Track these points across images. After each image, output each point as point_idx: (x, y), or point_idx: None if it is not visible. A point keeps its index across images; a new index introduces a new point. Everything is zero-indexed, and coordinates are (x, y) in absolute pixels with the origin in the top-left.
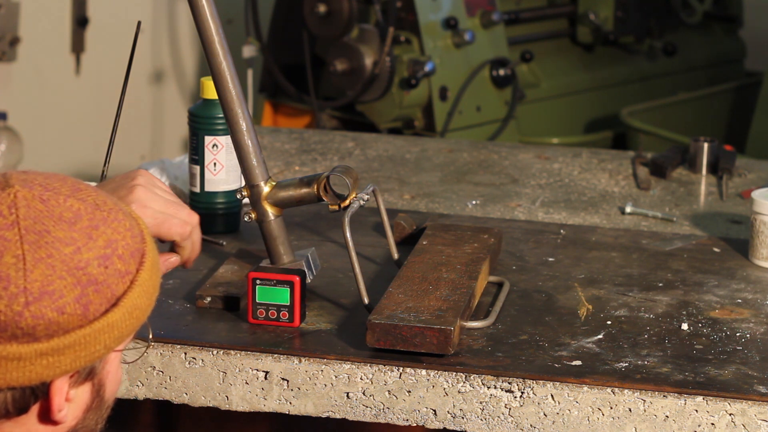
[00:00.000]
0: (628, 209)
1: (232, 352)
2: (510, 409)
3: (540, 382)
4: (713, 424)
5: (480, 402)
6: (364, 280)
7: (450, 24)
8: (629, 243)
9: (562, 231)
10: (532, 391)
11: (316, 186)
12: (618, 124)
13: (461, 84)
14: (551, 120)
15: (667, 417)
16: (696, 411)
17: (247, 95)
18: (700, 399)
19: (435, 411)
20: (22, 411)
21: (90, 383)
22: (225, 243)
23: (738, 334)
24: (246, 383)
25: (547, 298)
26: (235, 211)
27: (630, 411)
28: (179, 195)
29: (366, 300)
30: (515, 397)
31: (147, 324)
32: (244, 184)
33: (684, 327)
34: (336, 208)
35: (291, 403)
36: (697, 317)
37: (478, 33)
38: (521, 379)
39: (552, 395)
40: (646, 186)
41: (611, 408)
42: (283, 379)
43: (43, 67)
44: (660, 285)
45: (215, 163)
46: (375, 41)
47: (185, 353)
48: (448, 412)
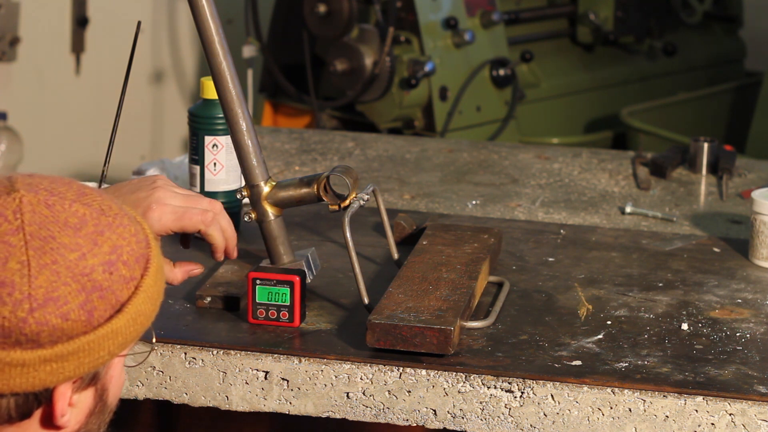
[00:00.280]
0: (628, 209)
1: (232, 352)
2: (510, 409)
3: (540, 382)
4: (713, 424)
5: (480, 402)
6: (364, 280)
7: (450, 24)
8: (629, 243)
9: (562, 231)
10: (532, 391)
11: (316, 186)
12: (618, 124)
13: (461, 84)
14: (551, 120)
15: (667, 417)
16: (696, 411)
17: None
18: (700, 399)
19: (435, 411)
20: (25, 416)
21: (93, 388)
22: None
23: (738, 334)
24: (246, 383)
25: (547, 298)
26: (235, 211)
27: (630, 411)
28: None
29: (366, 300)
30: (515, 397)
31: (150, 328)
32: (244, 184)
33: (684, 327)
34: (336, 208)
35: (291, 403)
36: (697, 317)
37: (478, 33)
38: (521, 379)
39: (552, 395)
40: (646, 186)
41: (611, 408)
42: (283, 379)
43: (43, 67)
44: (660, 285)
45: (215, 163)
46: (375, 41)
47: (185, 353)
48: (448, 412)
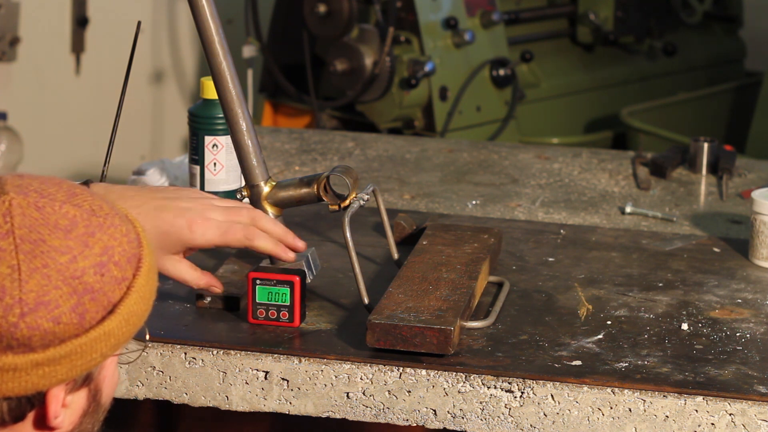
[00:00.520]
0: (628, 209)
1: (232, 352)
2: (510, 409)
3: (540, 382)
4: (713, 424)
5: (480, 402)
6: (364, 280)
7: (450, 24)
8: (629, 243)
9: (562, 231)
10: (532, 391)
11: (316, 186)
12: (618, 124)
13: (461, 84)
14: (551, 120)
15: (667, 417)
16: (696, 411)
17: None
18: (700, 399)
19: (435, 411)
20: (18, 419)
21: (86, 389)
22: None
23: (738, 334)
24: (246, 383)
25: (547, 298)
26: None
27: (630, 411)
28: None
29: (366, 300)
30: (515, 397)
31: (143, 326)
32: (244, 184)
33: (684, 327)
34: (336, 208)
35: (291, 403)
36: (697, 317)
37: (478, 33)
38: (521, 379)
39: (552, 395)
40: (646, 186)
41: (611, 408)
42: (283, 379)
43: (43, 67)
44: (660, 285)
45: (215, 163)
46: (375, 41)
47: (185, 353)
48: (448, 412)
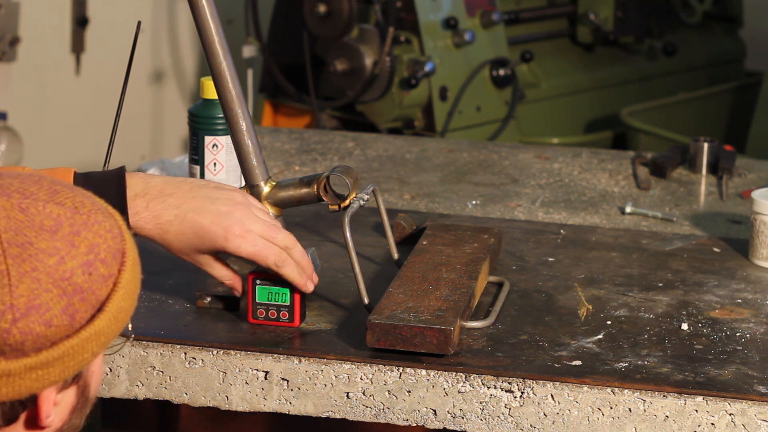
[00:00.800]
0: (628, 209)
1: (232, 352)
2: (510, 409)
3: (540, 382)
4: (713, 424)
5: (480, 402)
6: (364, 280)
7: (450, 24)
8: (629, 243)
9: (562, 231)
10: (532, 391)
11: (316, 186)
12: (618, 124)
13: (461, 84)
14: (551, 120)
15: (667, 417)
16: (696, 411)
17: (247, 95)
18: (700, 399)
19: (435, 411)
20: (10, 422)
21: (76, 385)
22: None
23: (738, 334)
24: (246, 383)
25: (547, 298)
26: None
27: (630, 411)
28: None
29: (366, 300)
30: (515, 397)
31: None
32: (244, 184)
33: (684, 327)
34: (336, 208)
35: (291, 403)
36: (697, 317)
37: (478, 33)
38: (521, 379)
39: (552, 395)
40: (646, 186)
41: (611, 408)
42: (283, 379)
43: (43, 67)
44: (660, 285)
45: (215, 163)
46: (375, 41)
47: (185, 353)
48: (448, 412)
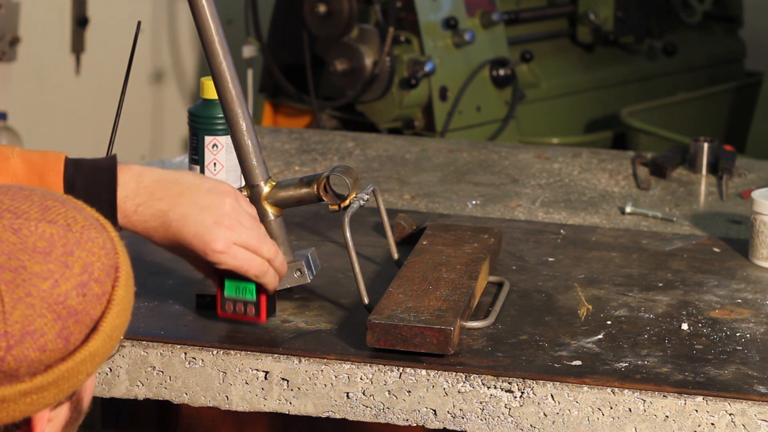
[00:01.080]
0: (628, 209)
1: (232, 352)
2: (510, 409)
3: (540, 382)
4: (713, 424)
5: (480, 402)
6: (364, 280)
7: (450, 24)
8: (629, 243)
9: (562, 231)
10: (532, 391)
11: (316, 186)
12: (618, 124)
13: (461, 84)
14: (551, 120)
15: (667, 417)
16: (696, 411)
17: (247, 95)
18: (700, 399)
19: (435, 411)
20: None
21: (69, 401)
22: None
23: (738, 334)
24: (246, 383)
25: (547, 298)
26: None
27: (630, 411)
28: None
29: (366, 300)
30: (515, 397)
31: None
32: (244, 184)
33: (684, 327)
34: (336, 208)
35: (291, 403)
36: (697, 317)
37: (478, 33)
38: (521, 379)
39: (552, 395)
40: (646, 186)
41: (611, 408)
42: (283, 379)
43: (43, 67)
44: (660, 285)
45: (215, 163)
46: (375, 41)
47: (185, 353)
48: (448, 412)
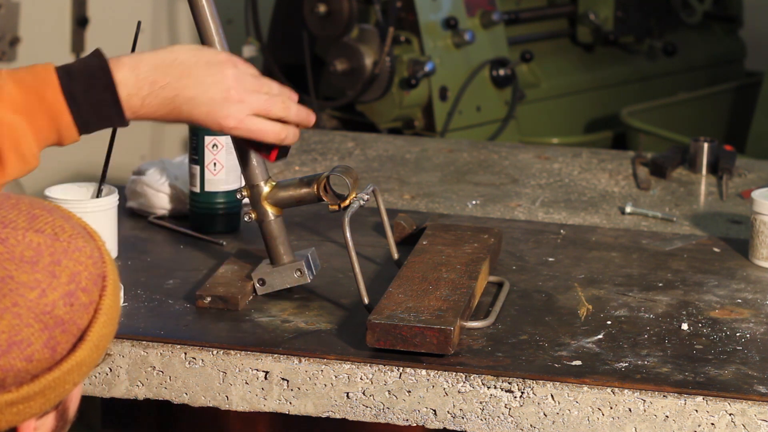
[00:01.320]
0: (628, 209)
1: (232, 352)
2: (510, 409)
3: (540, 382)
4: (713, 424)
5: (480, 402)
6: (364, 280)
7: (450, 24)
8: (629, 243)
9: (562, 231)
10: (532, 391)
11: (316, 186)
12: (618, 124)
13: (461, 84)
14: (551, 120)
15: (667, 417)
16: (696, 411)
17: None
18: (700, 399)
19: (435, 411)
20: None
21: (55, 410)
22: (225, 243)
23: (738, 334)
24: (246, 383)
25: (547, 298)
26: (235, 211)
27: (630, 411)
28: (179, 195)
29: (366, 300)
30: (515, 397)
31: None
32: (244, 184)
33: (684, 327)
34: (336, 208)
35: (291, 403)
36: (697, 317)
37: (478, 33)
38: (521, 379)
39: (552, 395)
40: (646, 186)
41: (611, 408)
42: (283, 379)
43: None
44: (660, 285)
45: (215, 163)
46: (375, 41)
47: (185, 353)
48: (448, 412)
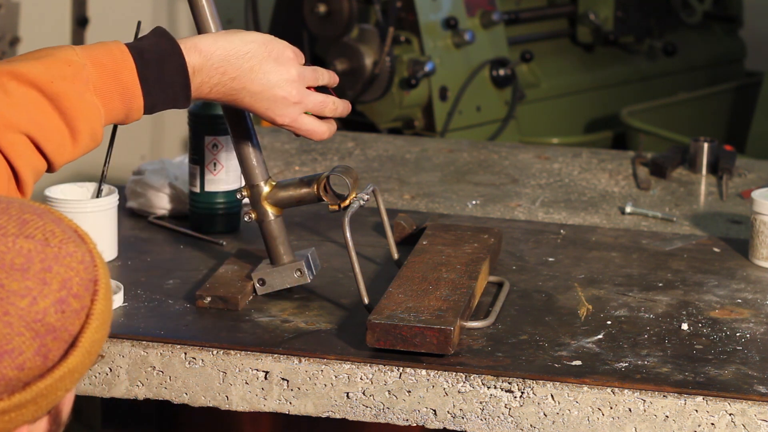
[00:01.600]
0: (628, 209)
1: (232, 352)
2: (510, 409)
3: (540, 382)
4: (713, 424)
5: (480, 402)
6: (364, 280)
7: (450, 24)
8: (629, 243)
9: (562, 231)
10: (532, 391)
11: (316, 186)
12: (618, 124)
13: (461, 84)
14: (551, 120)
15: (667, 417)
16: (696, 411)
17: None
18: (700, 399)
19: (435, 411)
20: None
21: (48, 415)
22: (225, 243)
23: (738, 334)
24: (246, 383)
25: (547, 298)
26: (235, 211)
27: (630, 411)
28: (179, 195)
29: (366, 300)
30: (515, 397)
31: None
32: (244, 184)
33: (684, 327)
34: (336, 208)
35: (291, 403)
36: (697, 317)
37: (478, 33)
38: (521, 379)
39: (552, 395)
40: (646, 186)
41: (611, 408)
42: (283, 379)
43: None
44: (660, 285)
45: (215, 163)
46: (375, 41)
47: (185, 353)
48: (448, 412)
